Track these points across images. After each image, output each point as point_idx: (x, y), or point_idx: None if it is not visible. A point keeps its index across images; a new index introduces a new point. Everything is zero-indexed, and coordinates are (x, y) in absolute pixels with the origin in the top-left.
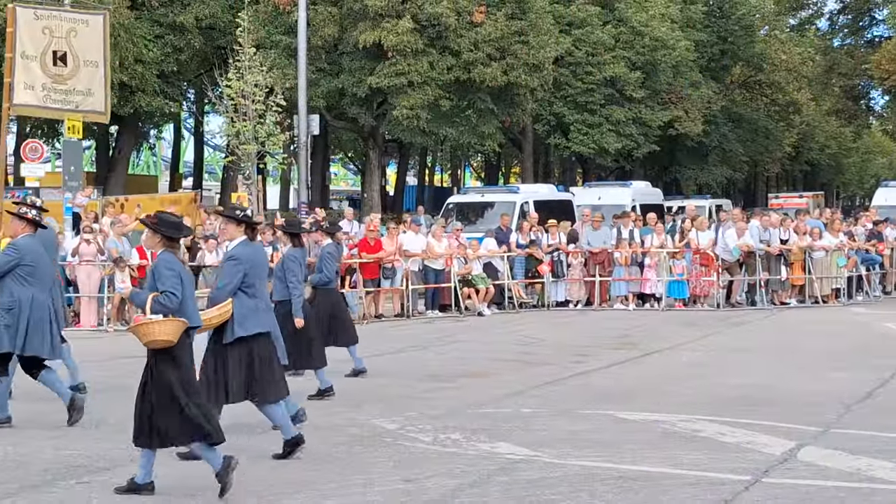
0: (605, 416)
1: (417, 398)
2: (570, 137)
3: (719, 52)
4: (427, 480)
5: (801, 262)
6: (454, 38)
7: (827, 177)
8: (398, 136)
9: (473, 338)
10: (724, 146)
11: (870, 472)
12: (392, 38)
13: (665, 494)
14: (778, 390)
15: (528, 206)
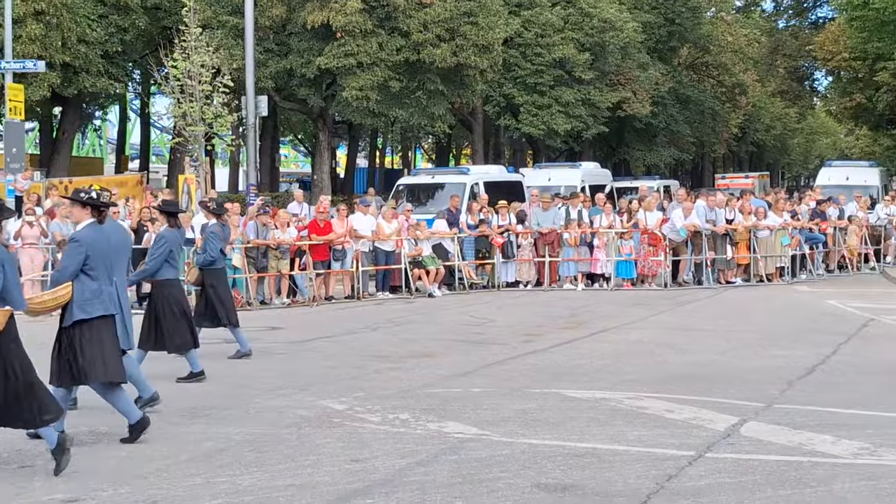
0: (553, 395)
1: (366, 379)
2: (519, 119)
3: (667, 34)
4: (375, 460)
5: (747, 242)
6: (403, 19)
7: (772, 157)
8: (348, 117)
9: (423, 319)
10: (671, 127)
11: (810, 446)
12: (340, 19)
13: (611, 470)
14: (722, 367)
15: (478, 188)
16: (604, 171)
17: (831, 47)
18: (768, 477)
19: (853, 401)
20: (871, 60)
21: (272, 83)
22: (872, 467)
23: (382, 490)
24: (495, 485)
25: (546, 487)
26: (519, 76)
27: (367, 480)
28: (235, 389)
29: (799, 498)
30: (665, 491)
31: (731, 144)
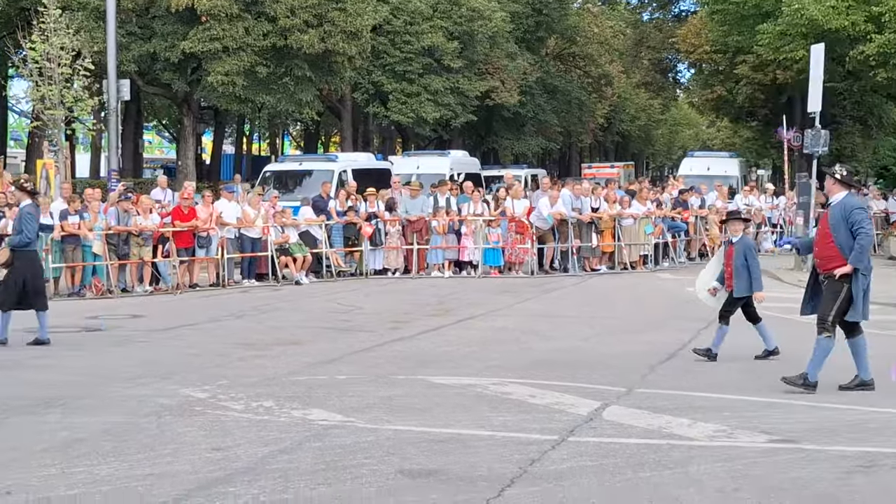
0: (419, 382)
1: (230, 367)
2: (388, 106)
3: (535, 24)
4: (238, 448)
5: (611, 230)
6: (270, 4)
7: (637, 147)
8: (214, 102)
9: (290, 306)
10: (539, 117)
11: (669, 430)
12: (205, 2)
13: (475, 455)
14: (586, 353)
15: (346, 175)
16: (472, 160)
17: (693, 40)
18: (628, 460)
19: (711, 385)
20: (731, 54)
21: (135, 67)
22: (727, 449)
23: (245, 478)
24: (359, 471)
25: (410, 473)
26: (388, 64)
27: (229, 469)
28: (93, 378)
29: (657, 480)
30: (528, 475)
31: (597, 134)
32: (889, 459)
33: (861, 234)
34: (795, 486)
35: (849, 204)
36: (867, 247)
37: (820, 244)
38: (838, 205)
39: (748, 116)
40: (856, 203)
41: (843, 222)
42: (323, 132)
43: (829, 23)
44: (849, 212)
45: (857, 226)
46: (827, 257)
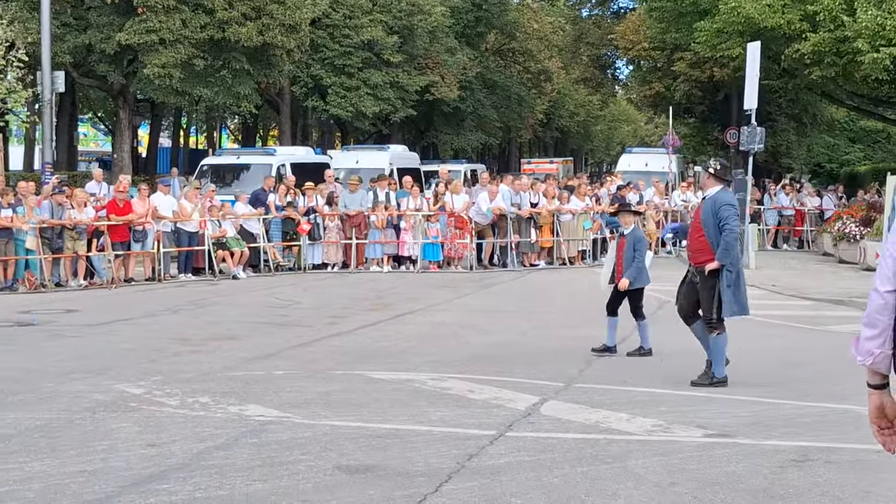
0: (356, 377)
1: (165, 362)
2: (328, 100)
3: (474, 19)
4: (173, 444)
5: (550, 225)
6: None
7: (576, 143)
8: (150, 95)
9: (227, 301)
10: (479, 112)
11: (607, 424)
12: None
13: (412, 451)
14: (525, 348)
15: (284, 169)
16: (412, 154)
17: (632, 37)
18: (566, 454)
19: (648, 379)
20: (669, 51)
21: (70, 58)
22: (665, 443)
23: (179, 474)
24: (296, 467)
25: (347, 469)
26: (327, 57)
27: (164, 465)
28: (26, 374)
29: (595, 474)
30: (466, 470)
31: (536, 130)
32: (821, 454)
33: (726, 230)
34: (731, 480)
35: (719, 199)
36: (732, 243)
37: (692, 237)
38: (710, 199)
39: (686, 113)
40: (727, 199)
41: (713, 217)
42: (261, 126)
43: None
44: (718, 207)
45: (724, 222)
46: (697, 250)
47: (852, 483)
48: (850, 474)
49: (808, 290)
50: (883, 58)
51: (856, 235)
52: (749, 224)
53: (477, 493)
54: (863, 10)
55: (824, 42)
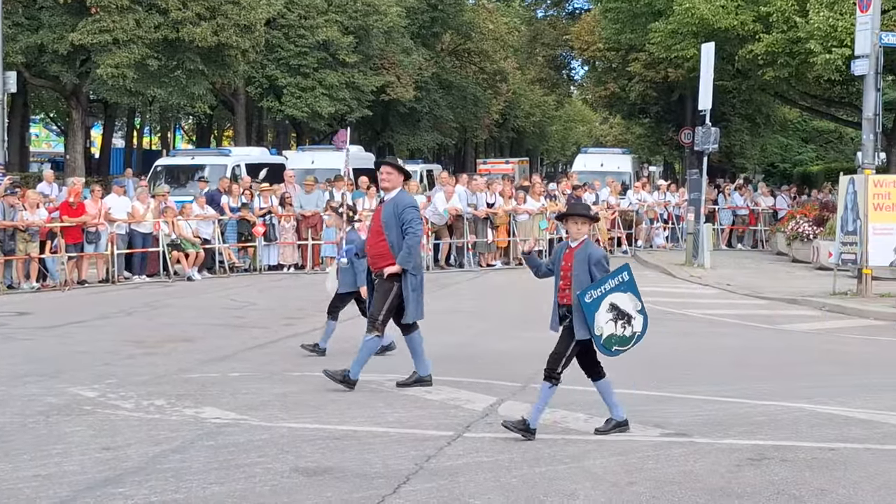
0: (314, 378)
1: (120, 365)
2: (283, 101)
3: (430, 20)
4: (128, 448)
5: (506, 226)
6: None
7: (532, 143)
8: (103, 95)
9: (182, 303)
10: (435, 112)
11: (564, 424)
12: None
13: (370, 452)
14: (481, 348)
15: (239, 170)
16: (368, 155)
17: (587, 38)
18: (524, 454)
19: None
20: (624, 51)
21: (22, 58)
22: (622, 443)
23: (135, 478)
24: (253, 469)
25: (305, 471)
26: (282, 58)
27: (119, 469)
28: None
29: (553, 474)
30: (424, 471)
31: (492, 130)
32: (777, 452)
33: (409, 233)
34: (688, 479)
35: (401, 201)
36: (415, 247)
37: (371, 241)
38: (391, 202)
39: (640, 113)
40: (408, 201)
41: (396, 219)
42: (216, 126)
43: (718, 22)
44: (401, 210)
45: (407, 225)
46: (377, 255)
47: (808, 481)
48: (806, 472)
49: (762, 290)
50: (835, 59)
51: (809, 235)
52: (704, 224)
53: (435, 495)
54: (815, 11)
55: (777, 43)
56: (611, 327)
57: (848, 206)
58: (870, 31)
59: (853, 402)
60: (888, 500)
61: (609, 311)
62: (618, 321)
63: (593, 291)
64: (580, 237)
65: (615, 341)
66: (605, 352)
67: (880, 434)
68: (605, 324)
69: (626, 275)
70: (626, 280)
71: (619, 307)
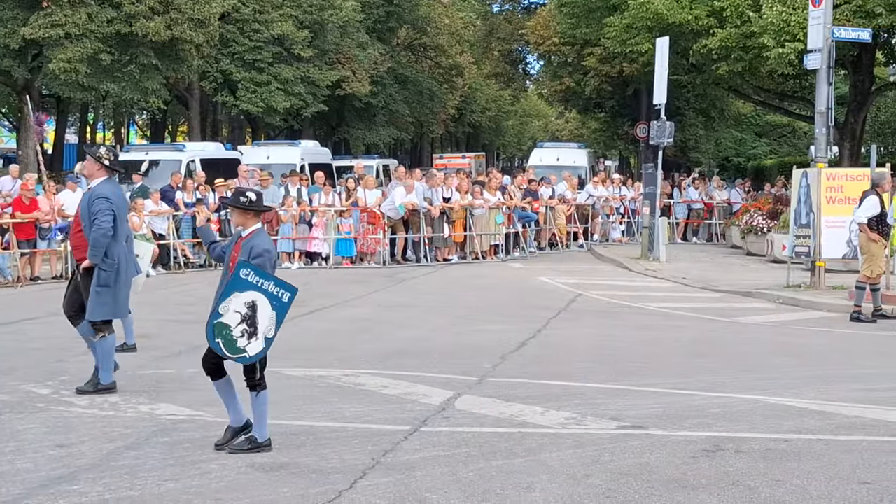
0: (269, 374)
1: (73, 362)
2: (238, 95)
3: (385, 14)
4: (82, 445)
5: (463, 220)
6: None
7: (488, 138)
8: (56, 90)
9: (137, 299)
10: (391, 107)
11: (521, 418)
12: None
13: (327, 447)
14: (438, 343)
15: (194, 165)
16: (323, 150)
17: (542, 32)
18: (481, 448)
19: (562, 373)
20: (579, 46)
21: None
22: (578, 436)
23: (89, 475)
24: (209, 466)
25: (261, 467)
26: (237, 52)
27: (73, 466)
28: None
29: (509, 468)
30: (381, 465)
31: (448, 125)
32: (732, 443)
33: (95, 226)
34: (644, 471)
35: (96, 191)
36: (101, 240)
37: (73, 232)
38: (89, 192)
39: (596, 108)
40: (103, 191)
41: (89, 210)
42: (170, 121)
43: (673, 17)
44: (93, 200)
45: (94, 216)
46: (77, 247)
47: (762, 472)
48: (761, 463)
49: (717, 283)
50: (788, 53)
51: (763, 228)
52: (659, 217)
53: (392, 489)
54: (768, 6)
55: (731, 38)
56: (233, 319)
57: (801, 200)
58: (822, 25)
59: (807, 394)
60: (841, 489)
61: (245, 307)
62: (243, 322)
63: (254, 274)
64: (248, 227)
65: (224, 335)
66: (209, 334)
67: (833, 425)
68: (232, 312)
69: (288, 295)
70: (284, 301)
71: (256, 314)
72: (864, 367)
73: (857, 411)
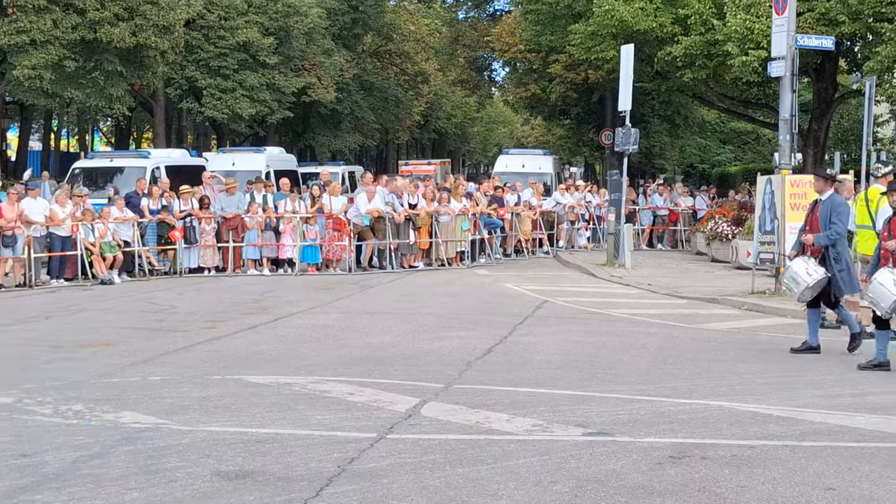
0: (235, 381)
1: (37, 370)
2: (203, 102)
3: (351, 21)
4: (46, 454)
5: (428, 227)
6: None
7: (454, 145)
8: (20, 97)
9: (101, 307)
10: (356, 114)
11: (488, 425)
12: None
13: (292, 455)
14: (403, 350)
15: (159, 172)
16: (289, 157)
17: (508, 39)
18: (447, 455)
19: (528, 380)
20: (544, 53)
21: None
22: (544, 443)
23: (53, 485)
24: (174, 474)
25: (226, 475)
26: (202, 59)
27: (37, 475)
28: None
29: (475, 475)
30: (346, 473)
31: (414, 131)
32: (698, 450)
33: None
34: (610, 477)
35: None
36: None
37: None
38: None
39: (561, 115)
40: None
41: None
42: (135, 128)
43: (638, 24)
44: None
45: None
46: None
47: (728, 478)
48: (726, 470)
49: (682, 289)
50: (752, 60)
51: (728, 235)
52: (624, 224)
53: (358, 497)
54: (732, 14)
55: (695, 45)
56: None
57: (765, 206)
58: (786, 33)
59: (772, 400)
60: (807, 495)
61: None
62: None
63: None
64: None
65: None
66: None
67: (798, 431)
68: None
69: None
70: None
71: None
72: (828, 374)
73: (821, 417)
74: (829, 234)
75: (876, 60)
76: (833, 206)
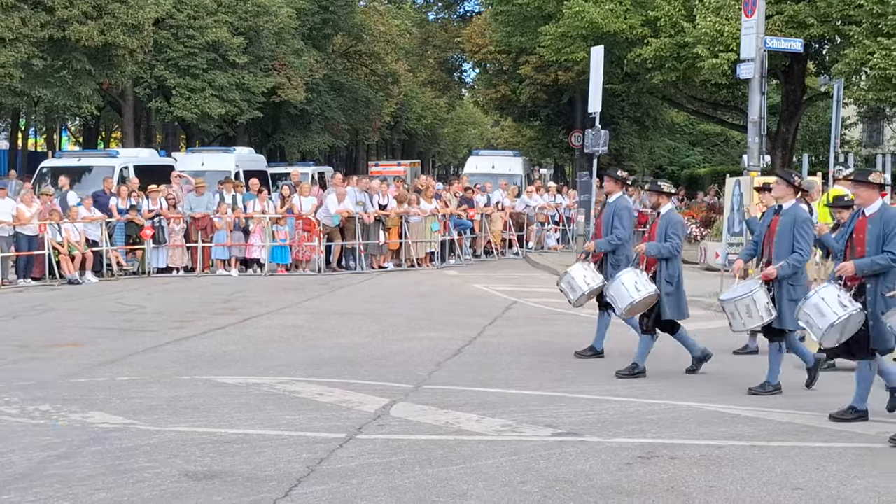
0: (203, 382)
1: (3, 370)
2: (172, 102)
3: (321, 21)
4: (12, 454)
5: (398, 227)
6: None
7: (424, 146)
8: None
9: (69, 306)
10: (326, 114)
11: (457, 425)
12: None
13: (261, 455)
14: (373, 350)
15: (127, 171)
16: (258, 157)
17: (478, 40)
18: (417, 456)
19: (497, 380)
20: (514, 54)
21: None
22: (514, 443)
23: (20, 485)
24: (142, 474)
25: (195, 475)
26: (171, 58)
27: (3, 475)
28: None
29: (445, 475)
30: (316, 474)
31: (384, 132)
32: (666, 450)
33: None
34: (579, 477)
35: None
36: None
37: None
38: None
39: (531, 116)
40: None
41: None
42: (103, 127)
43: (608, 26)
44: None
45: None
46: None
47: (696, 478)
48: (695, 469)
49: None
50: (721, 63)
51: (696, 236)
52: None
53: (327, 497)
54: (702, 16)
55: (665, 47)
56: None
57: (734, 208)
58: (755, 35)
59: (740, 400)
60: (774, 495)
61: None
62: None
63: None
64: None
65: None
66: None
67: (766, 431)
68: None
69: None
70: None
71: None
72: (795, 375)
73: (788, 417)
74: (611, 240)
75: (844, 63)
76: (616, 210)
